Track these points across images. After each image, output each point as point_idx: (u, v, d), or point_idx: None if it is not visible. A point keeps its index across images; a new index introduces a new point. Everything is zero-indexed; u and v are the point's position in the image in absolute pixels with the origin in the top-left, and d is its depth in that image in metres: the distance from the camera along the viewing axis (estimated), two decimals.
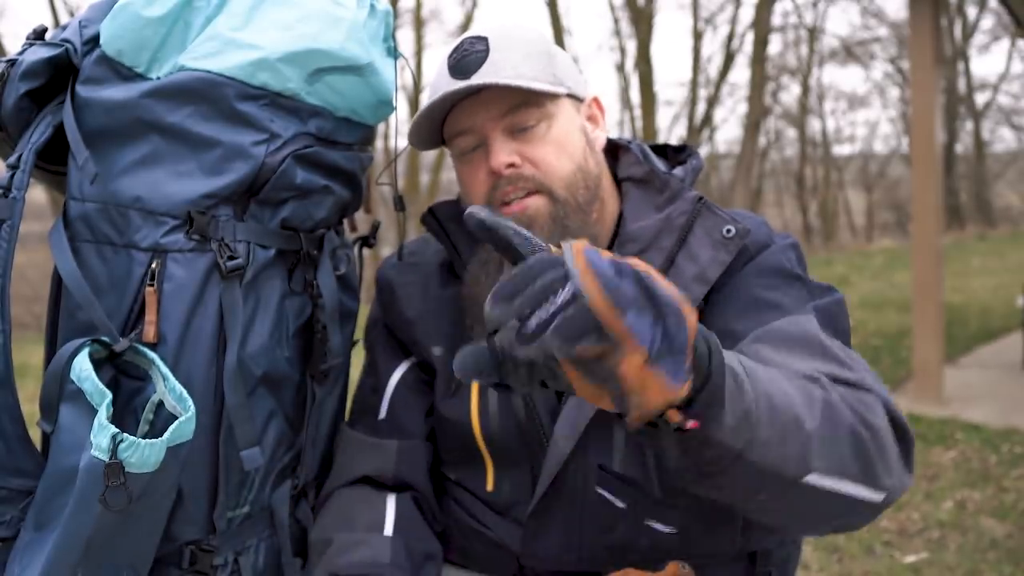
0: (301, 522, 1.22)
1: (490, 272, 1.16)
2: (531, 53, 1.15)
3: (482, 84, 1.11)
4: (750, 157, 18.09)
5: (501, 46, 1.14)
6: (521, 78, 1.12)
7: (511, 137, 1.15)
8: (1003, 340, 7.31)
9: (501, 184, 1.14)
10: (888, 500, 0.96)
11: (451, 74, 1.15)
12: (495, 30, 1.17)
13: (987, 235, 19.61)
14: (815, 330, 1.06)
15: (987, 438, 4.74)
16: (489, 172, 1.14)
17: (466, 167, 1.19)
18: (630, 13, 18.80)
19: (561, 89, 1.16)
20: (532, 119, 1.14)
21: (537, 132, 1.15)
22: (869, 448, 0.94)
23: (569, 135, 1.17)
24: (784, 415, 0.88)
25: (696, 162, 1.25)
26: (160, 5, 1.06)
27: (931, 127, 5.34)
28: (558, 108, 1.17)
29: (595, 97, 1.24)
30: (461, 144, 1.18)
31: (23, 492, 1.03)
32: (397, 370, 1.27)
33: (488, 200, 1.15)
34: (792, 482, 0.89)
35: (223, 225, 1.07)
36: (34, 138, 1.06)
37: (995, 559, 3.31)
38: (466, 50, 1.15)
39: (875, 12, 23.44)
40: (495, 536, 1.18)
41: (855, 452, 0.93)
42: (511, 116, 1.14)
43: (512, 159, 1.13)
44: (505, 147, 1.14)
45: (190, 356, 1.05)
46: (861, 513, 0.96)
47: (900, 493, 0.98)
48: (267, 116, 1.09)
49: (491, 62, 1.13)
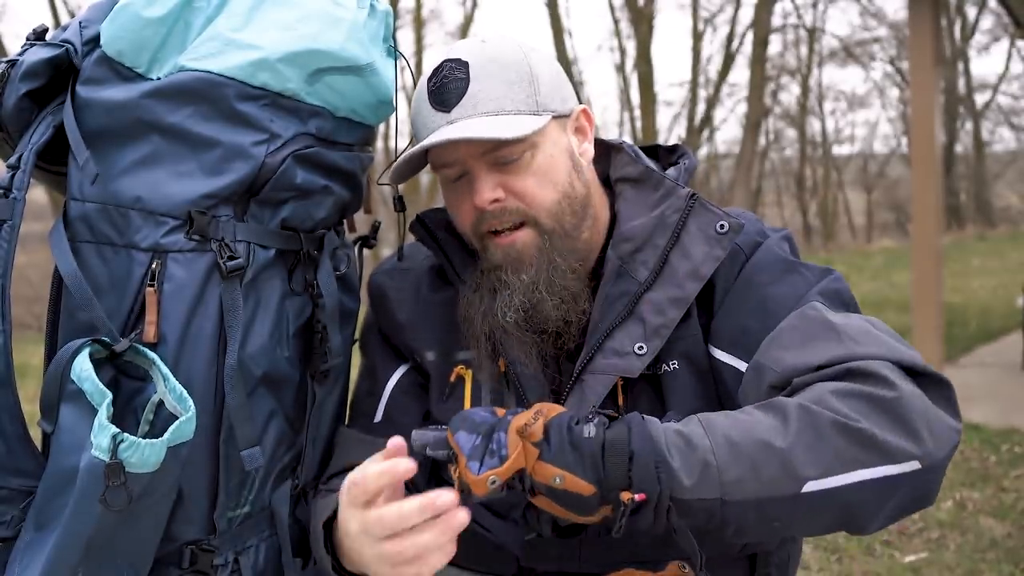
0: (301, 522, 1.22)
1: (483, 296, 1.16)
2: (512, 81, 1.13)
3: (460, 138, 1.09)
4: (750, 157, 18.11)
5: (481, 75, 1.12)
6: (502, 112, 1.11)
7: (495, 170, 1.13)
8: (1003, 340, 7.31)
9: (486, 217, 1.14)
10: (932, 460, 0.93)
11: (431, 101, 1.14)
12: (475, 54, 1.14)
13: (987, 235, 19.62)
14: (821, 316, 1.06)
15: (987, 438, 4.74)
16: (473, 206, 1.15)
17: (452, 195, 1.19)
18: (630, 13, 18.81)
19: (544, 118, 1.14)
20: (515, 152, 1.13)
21: (521, 164, 1.13)
22: (870, 428, 0.92)
23: (554, 161, 1.15)
24: (748, 446, 0.92)
25: (689, 161, 1.25)
26: (160, 6, 1.06)
27: (931, 127, 5.34)
28: (542, 136, 1.15)
29: (583, 108, 1.22)
30: (446, 173, 1.18)
31: (23, 492, 1.03)
32: (394, 375, 1.27)
33: (476, 230, 1.16)
34: (794, 499, 0.91)
35: (223, 225, 1.07)
36: (34, 138, 1.06)
37: (995, 559, 3.31)
38: (446, 76, 1.13)
39: (875, 12, 23.42)
40: (495, 538, 1.18)
41: (852, 441, 0.92)
42: (494, 152, 1.13)
43: (496, 194, 1.13)
44: (488, 182, 1.13)
45: (190, 356, 1.05)
46: (906, 487, 0.94)
47: (948, 445, 0.95)
48: (267, 116, 1.09)
49: (471, 94, 1.12)
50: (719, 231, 1.13)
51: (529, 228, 1.14)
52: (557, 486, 0.92)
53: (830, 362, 1.00)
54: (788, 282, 1.13)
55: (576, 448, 0.92)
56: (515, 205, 1.14)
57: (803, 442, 0.92)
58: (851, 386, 0.96)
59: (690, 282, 1.12)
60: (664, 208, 1.16)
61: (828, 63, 25.61)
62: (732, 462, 0.91)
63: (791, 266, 1.15)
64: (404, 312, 1.27)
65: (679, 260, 1.13)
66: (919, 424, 0.94)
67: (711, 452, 0.92)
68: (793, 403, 0.95)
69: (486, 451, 0.95)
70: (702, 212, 1.14)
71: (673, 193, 1.17)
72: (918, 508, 0.98)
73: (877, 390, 0.95)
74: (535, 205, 1.14)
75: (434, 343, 1.24)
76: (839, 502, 0.93)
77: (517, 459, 0.94)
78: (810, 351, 1.02)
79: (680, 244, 1.14)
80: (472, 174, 1.14)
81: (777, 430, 0.93)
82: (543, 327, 1.15)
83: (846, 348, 1.00)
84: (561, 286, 1.14)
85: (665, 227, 1.15)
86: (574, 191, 1.17)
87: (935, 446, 0.93)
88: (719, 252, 1.12)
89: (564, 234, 1.15)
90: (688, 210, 1.15)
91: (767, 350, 1.06)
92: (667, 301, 1.12)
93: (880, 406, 0.94)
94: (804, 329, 1.05)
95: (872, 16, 22.96)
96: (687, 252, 1.13)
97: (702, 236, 1.13)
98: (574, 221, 1.16)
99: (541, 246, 1.14)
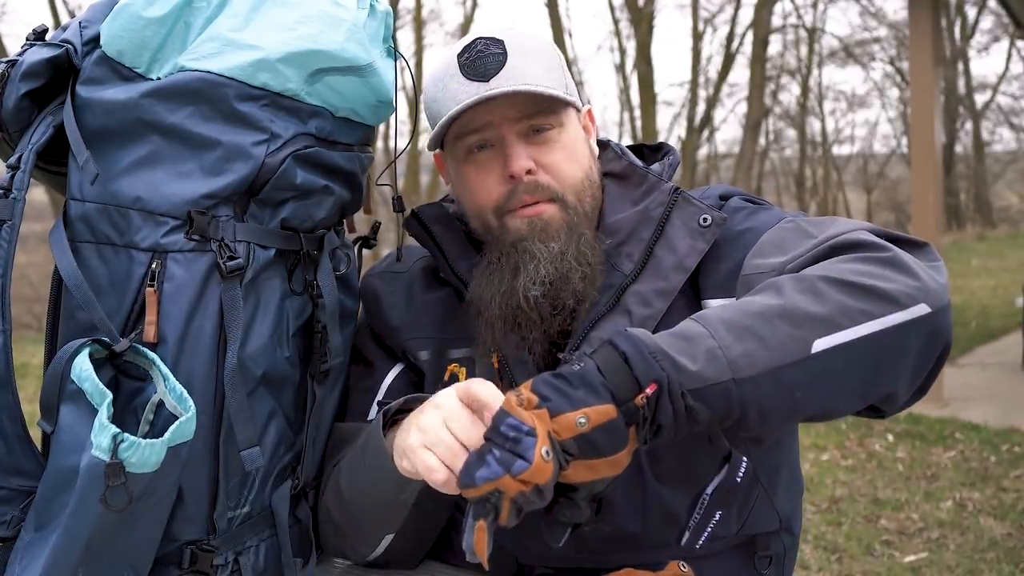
0: (301, 522, 1.22)
1: (503, 276, 1.15)
2: (547, 65, 1.18)
3: (515, 90, 1.11)
4: (750, 157, 18.12)
5: (518, 52, 1.15)
6: (541, 86, 1.14)
7: (527, 141, 1.16)
8: (1003, 340, 7.33)
9: (519, 191, 1.15)
10: (938, 301, 0.94)
11: (464, 74, 1.15)
12: (510, 35, 1.17)
13: (987, 235, 19.62)
14: (795, 224, 1.11)
15: (987, 438, 4.75)
16: (506, 177, 1.16)
17: (473, 168, 1.19)
18: (630, 13, 18.80)
19: (573, 99, 1.19)
20: (550, 123, 1.17)
21: (551, 137, 1.17)
22: (870, 280, 0.94)
23: (577, 143, 1.21)
24: (747, 321, 0.92)
25: (672, 158, 1.28)
26: (160, 6, 1.06)
27: (931, 127, 5.34)
28: (568, 117, 1.20)
29: (588, 108, 1.28)
30: (470, 142, 1.18)
31: (23, 492, 1.03)
32: (388, 374, 1.28)
33: (502, 207, 1.16)
34: (806, 361, 0.91)
35: (223, 225, 1.07)
36: (34, 138, 1.06)
37: (995, 559, 3.31)
38: (481, 51, 1.15)
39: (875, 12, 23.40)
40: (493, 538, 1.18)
41: (853, 294, 0.93)
42: (528, 120, 1.16)
43: (530, 164, 1.15)
44: (524, 151, 1.15)
45: (190, 356, 1.05)
46: (920, 331, 0.94)
47: (946, 291, 0.96)
48: (267, 116, 1.09)
49: (510, 67, 1.14)
50: (702, 224, 1.15)
51: (555, 204, 1.17)
52: (585, 428, 0.88)
53: (813, 247, 1.03)
54: (760, 218, 1.17)
55: (576, 383, 0.90)
56: (546, 180, 1.16)
57: (802, 304, 0.93)
58: (841, 255, 0.99)
59: (675, 274, 1.14)
60: (648, 203, 1.19)
61: (828, 63, 25.55)
62: (734, 340, 0.91)
63: (759, 207, 1.20)
64: (397, 314, 1.28)
65: (664, 253, 1.15)
66: (917, 270, 0.96)
67: (710, 337, 0.92)
68: (785, 277, 0.98)
69: (505, 448, 0.87)
70: (685, 206, 1.17)
71: (657, 188, 1.19)
72: (938, 349, 0.98)
73: (868, 252, 0.98)
74: (563, 181, 1.17)
75: (428, 342, 1.25)
76: (855, 357, 0.93)
77: (541, 426, 0.88)
78: (791, 249, 1.06)
79: (665, 237, 1.16)
80: (505, 142, 1.16)
81: (773, 301, 0.94)
82: (564, 301, 1.14)
83: (825, 233, 1.05)
84: (587, 257, 1.15)
85: (649, 221, 1.17)
86: (593, 175, 1.22)
87: (937, 288, 0.95)
88: (702, 245, 1.14)
89: (584, 214, 1.18)
90: (672, 204, 1.17)
91: (750, 264, 1.09)
92: (653, 293, 1.14)
93: (874, 262, 0.96)
94: (782, 237, 1.09)
95: (872, 16, 22.90)
96: (672, 245, 1.15)
97: (686, 229, 1.15)
98: (592, 204, 1.20)
99: (567, 219, 1.16)
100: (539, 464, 0.85)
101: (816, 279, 0.95)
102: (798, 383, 0.92)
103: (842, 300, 0.93)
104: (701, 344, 0.91)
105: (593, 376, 0.90)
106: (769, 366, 0.91)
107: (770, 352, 0.91)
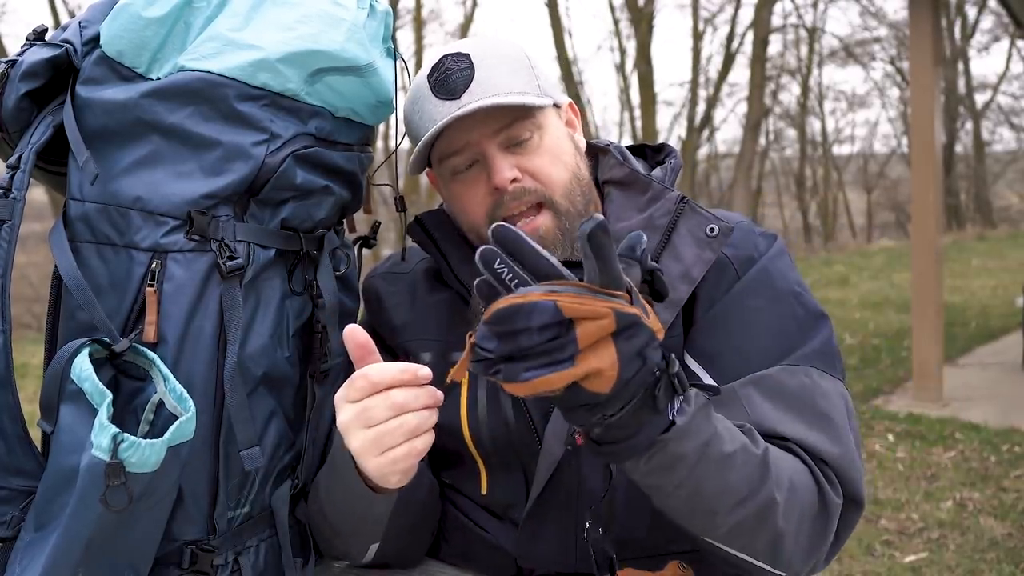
0: (301, 522, 1.22)
1: None
2: (514, 69, 1.16)
3: (481, 106, 1.10)
4: (750, 157, 18.12)
5: (484, 64, 1.14)
6: (511, 94, 1.13)
7: (508, 151, 1.16)
8: (1003, 340, 7.31)
9: (505, 200, 1.15)
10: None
11: (435, 94, 1.15)
12: (474, 47, 1.17)
13: (987, 235, 19.61)
14: (811, 390, 1.10)
15: (987, 438, 4.74)
16: (491, 189, 1.15)
17: (461, 186, 1.19)
18: (630, 13, 18.81)
19: (547, 100, 1.17)
20: (526, 132, 1.16)
21: (532, 144, 1.16)
22: (783, 524, 1.00)
23: (560, 142, 1.19)
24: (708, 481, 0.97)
25: (675, 161, 1.26)
26: (160, 6, 1.06)
27: (931, 127, 5.34)
28: (546, 119, 1.18)
29: (570, 102, 1.27)
30: (455, 163, 1.18)
31: (23, 492, 1.03)
32: None
33: (491, 218, 1.16)
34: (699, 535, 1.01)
35: (223, 225, 1.07)
36: (34, 138, 1.06)
37: (995, 559, 3.31)
38: (448, 69, 1.15)
39: (875, 12, 23.40)
40: (492, 538, 1.18)
41: (765, 532, 1.00)
42: (506, 131, 1.15)
43: (514, 173, 1.14)
44: (506, 162, 1.15)
45: (190, 356, 1.05)
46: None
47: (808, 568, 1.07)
48: (267, 116, 1.09)
49: (478, 81, 1.13)
50: (709, 234, 1.13)
51: (547, 211, 1.16)
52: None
53: (799, 443, 1.06)
54: (777, 314, 1.14)
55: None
56: (532, 185, 1.15)
57: (739, 485, 0.97)
58: (804, 478, 1.04)
59: (682, 285, 1.13)
60: (653, 211, 1.17)
61: (828, 63, 25.59)
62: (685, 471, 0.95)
63: (782, 296, 1.15)
64: (400, 315, 1.27)
65: (670, 262, 1.14)
66: (823, 547, 1.05)
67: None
68: (778, 492, 1.00)
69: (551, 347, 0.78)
70: (692, 215, 1.15)
71: (662, 196, 1.18)
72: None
73: (820, 501, 1.04)
74: (551, 184, 1.16)
75: (430, 344, 1.24)
76: (722, 558, 1.02)
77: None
78: (787, 418, 1.07)
79: (671, 246, 1.15)
80: (486, 156, 1.15)
81: (735, 490, 0.97)
82: None
83: (824, 443, 1.07)
84: None
85: (655, 229, 1.16)
86: (581, 172, 1.20)
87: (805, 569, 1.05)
88: (709, 255, 1.13)
89: (577, 214, 1.17)
90: (678, 213, 1.16)
91: (747, 389, 1.08)
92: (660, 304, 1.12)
93: (812, 519, 1.03)
94: (793, 392, 1.09)
95: (872, 16, 22.92)
96: (678, 254, 1.14)
97: (692, 239, 1.14)
98: (583, 201, 1.18)
99: (562, 227, 1.16)
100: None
101: (773, 473, 1.00)
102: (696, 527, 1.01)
103: (753, 530, 0.99)
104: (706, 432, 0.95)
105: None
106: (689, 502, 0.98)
107: (687, 504, 0.98)
